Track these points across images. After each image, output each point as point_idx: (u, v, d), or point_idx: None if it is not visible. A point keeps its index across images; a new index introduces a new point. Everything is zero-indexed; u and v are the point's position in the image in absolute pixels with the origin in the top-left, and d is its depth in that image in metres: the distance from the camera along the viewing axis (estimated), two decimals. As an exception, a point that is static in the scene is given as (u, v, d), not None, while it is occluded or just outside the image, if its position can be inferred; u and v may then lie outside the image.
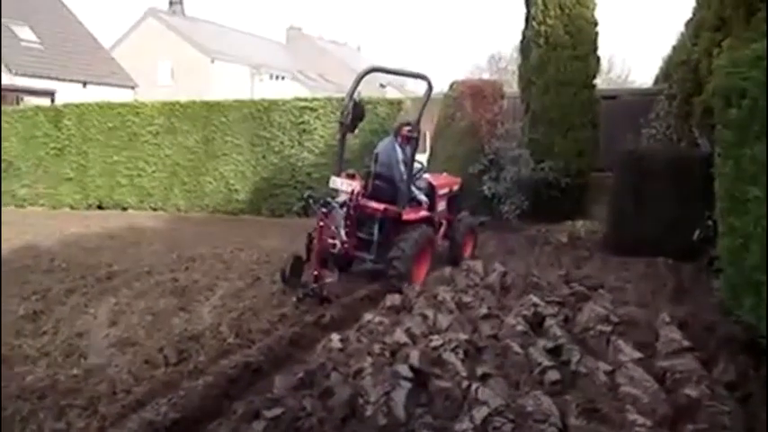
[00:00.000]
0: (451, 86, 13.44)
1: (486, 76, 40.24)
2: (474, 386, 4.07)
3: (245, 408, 4.02)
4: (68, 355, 5.38)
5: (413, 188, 8.04)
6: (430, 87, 7.81)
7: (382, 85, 44.99)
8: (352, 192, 7.27)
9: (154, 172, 15.72)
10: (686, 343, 4.65)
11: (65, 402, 4.39)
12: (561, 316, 5.71)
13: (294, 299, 6.80)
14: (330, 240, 7.25)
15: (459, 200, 9.32)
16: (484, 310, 5.92)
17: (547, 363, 4.48)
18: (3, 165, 16.88)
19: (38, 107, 17.84)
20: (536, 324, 5.51)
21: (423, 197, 8.25)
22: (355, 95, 7.52)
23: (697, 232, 7.84)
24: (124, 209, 15.92)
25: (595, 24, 12.17)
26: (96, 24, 77.74)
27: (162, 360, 5.17)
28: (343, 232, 7.27)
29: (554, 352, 4.79)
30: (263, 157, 14.76)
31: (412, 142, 7.92)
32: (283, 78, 47.58)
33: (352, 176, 7.59)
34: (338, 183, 7.47)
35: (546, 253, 9.74)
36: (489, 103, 12.90)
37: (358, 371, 4.59)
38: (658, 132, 11.01)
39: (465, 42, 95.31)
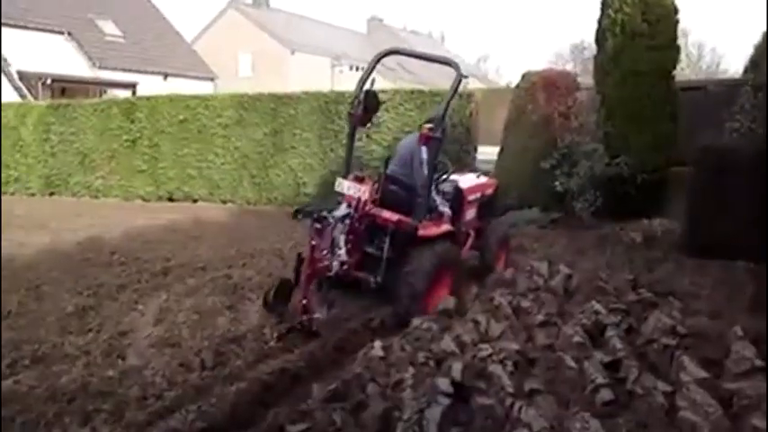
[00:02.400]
0: (523, 77, 13.00)
1: (569, 66, 39.39)
2: (517, 405, 3.74)
3: (270, 421, 3.81)
4: (107, 355, 5.31)
5: (434, 196, 6.89)
6: (459, 75, 6.50)
7: (464, 77, 44.45)
8: (359, 200, 6.05)
9: (223, 164, 15.72)
10: (759, 362, 4.14)
11: (92, 407, 4.28)
12: (624, 325, 5.23)
13: (275, 335, 5.63)
14: (325, 263, 5.88)
15: (492, 205, 8.22)
16: (541, 317, 5.53)
17: (601, 380, 4.08)
18: (78, 157, 17.30)
19: (111, 100, 18.14)
20: (596, 334, 5.11)
21: (446, 208, 7.07)
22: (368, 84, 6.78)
23: (781, 234, 7.25)
24: (194, 201, 16.02)
25: (676, 12, 11.45)
26: (178, 17, 79.74)
27: (198, 363, 5.02)
28: (344, 250, 5.94)
29: (611, 367, 4.38)
30: (331, 149, 14.51)
31: (433, 142, 6.58)
32: (363, 69, 47.48)
33: (360, 180, 6.27)
34: (345, 186, 6.26)
35: (617, 253, 9.17)
36: (562, 94, 12.41)
37: (397, 382, 4.31)
38: (742, 126, 10.30)
39: (547, 31, 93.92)
